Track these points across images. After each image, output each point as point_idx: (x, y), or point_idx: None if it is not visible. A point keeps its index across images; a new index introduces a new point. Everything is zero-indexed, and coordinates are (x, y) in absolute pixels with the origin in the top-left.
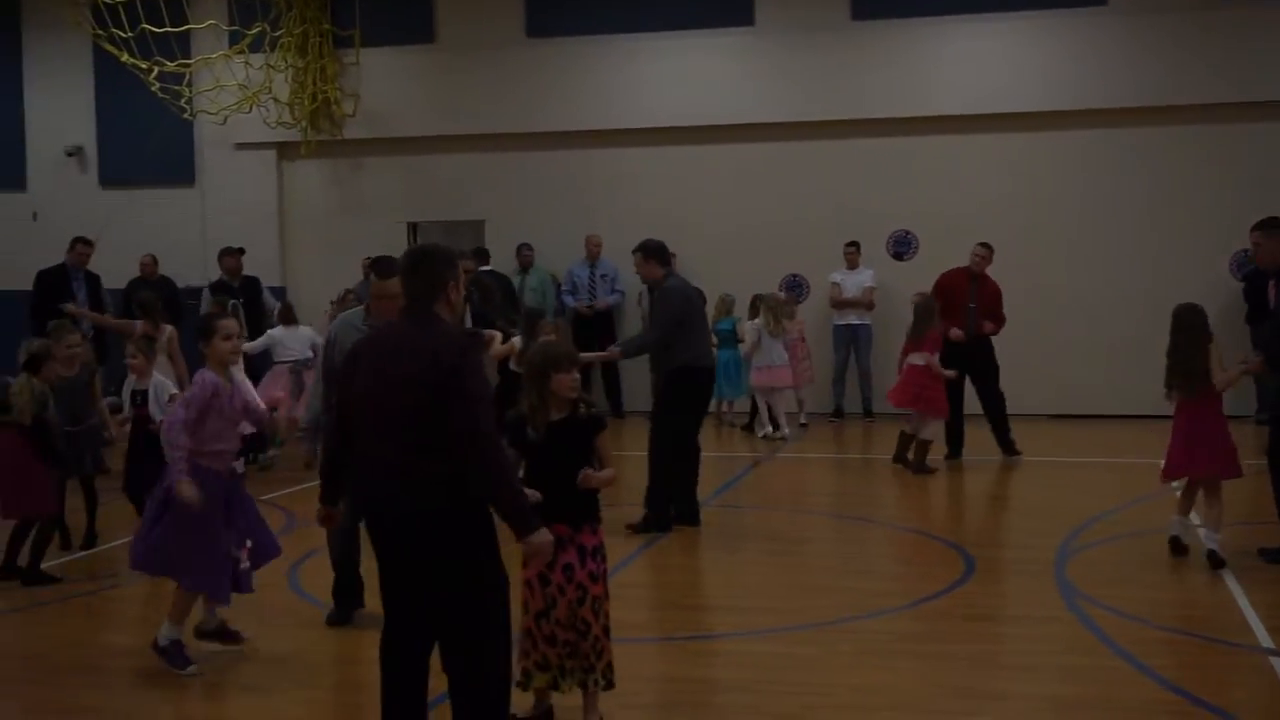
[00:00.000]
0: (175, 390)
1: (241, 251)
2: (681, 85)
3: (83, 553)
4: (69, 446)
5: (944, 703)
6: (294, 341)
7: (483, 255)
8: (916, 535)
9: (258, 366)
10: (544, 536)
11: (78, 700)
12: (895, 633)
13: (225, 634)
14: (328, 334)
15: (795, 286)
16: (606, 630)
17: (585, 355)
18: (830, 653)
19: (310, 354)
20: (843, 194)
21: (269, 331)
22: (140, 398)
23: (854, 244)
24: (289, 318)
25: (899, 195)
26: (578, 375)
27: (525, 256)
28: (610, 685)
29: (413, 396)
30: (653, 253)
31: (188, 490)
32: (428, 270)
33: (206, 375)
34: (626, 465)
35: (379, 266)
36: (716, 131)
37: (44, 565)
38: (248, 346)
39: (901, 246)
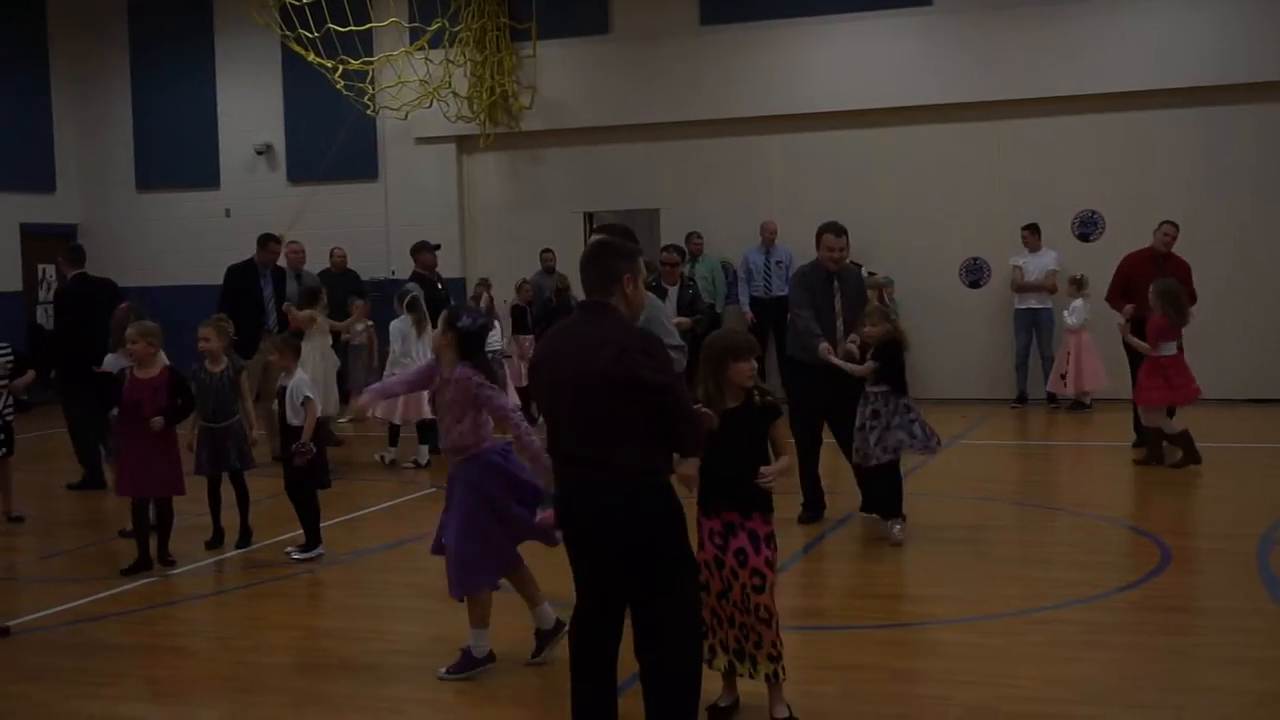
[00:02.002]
0: (310, 394)
1: (438, 247)
2: (857, 68)
3: (236, 550)
4: (211, 442)
5: (1144, 696)
6: (493, 334)
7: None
8: (1106, 523)
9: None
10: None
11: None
12: (1088, 623)
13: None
14: None
15: (975, 270)
16: (779, 621)
17: (839, 363)
18: (1020, 643)
19: (504, 346)
20: (1022, 174)
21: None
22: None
23: (1030, 226)
24: (490, 310)
25: (1083, 175)
26: (754, 364)
27: (695, 244)
28: (785, 677)
29: (599, 389)
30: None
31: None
32: (602, 264)
33: (465, 369)
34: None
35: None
36: (893, 114)
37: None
38: None
39: (1088, 227)
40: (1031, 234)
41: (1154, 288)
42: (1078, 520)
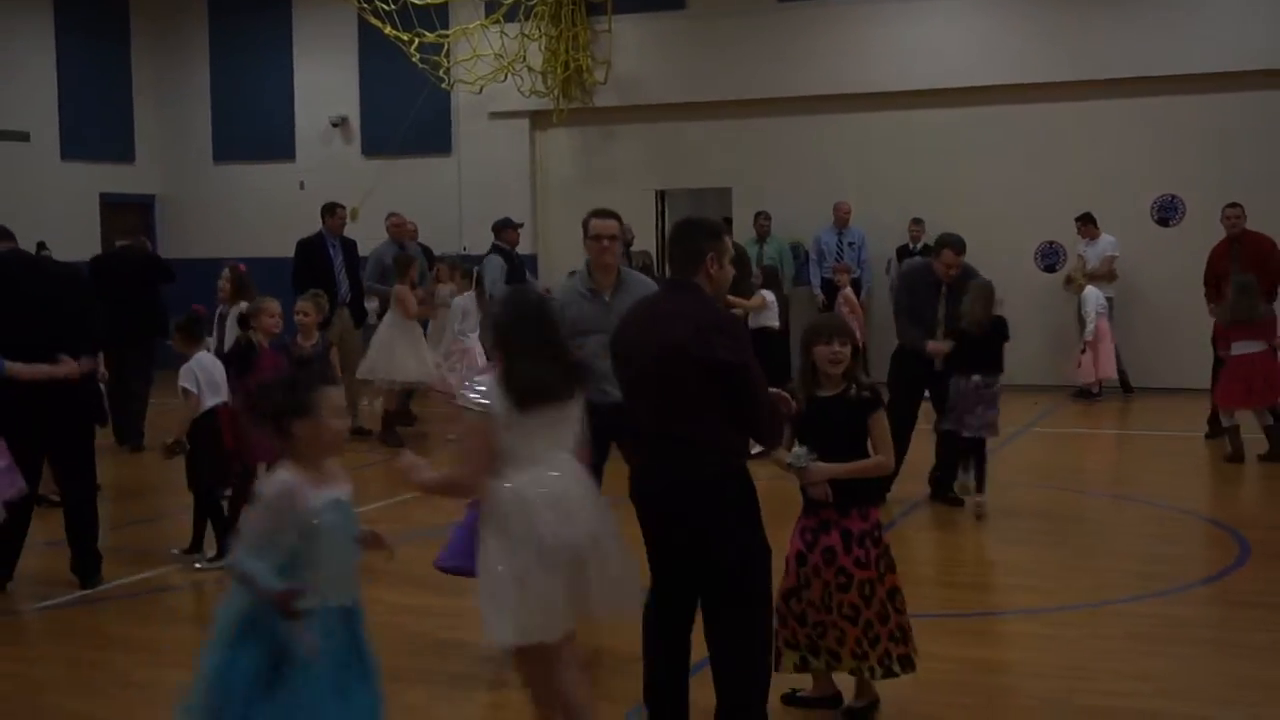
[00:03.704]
0: (187, 385)
1: (521, 225)
2: (935, 46)
3: None
4: None
5: (1219, 692)
6: None
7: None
8: (1182, 514)
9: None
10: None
11: None
12: (1165, 617)
13: None
14: (557, 300)
15: (1050, 254)
16: (883, 617)
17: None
18: (1096, 635)
19: None
20: (1098, 157)
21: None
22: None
23: (1084, 216)
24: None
25: (1162, 158)
26: (838, 348)
27: (762, 225)
28: (890, 674)
29: (676, 366)
30: None
31: None
32: (687, 243)
33: None
34: None
35: (599, 210)
36: (969, 94)
37: None
38: None
39: (1168, 212)
40: (1086, 223)
41: (1231, 284)
42: (1152, 511)
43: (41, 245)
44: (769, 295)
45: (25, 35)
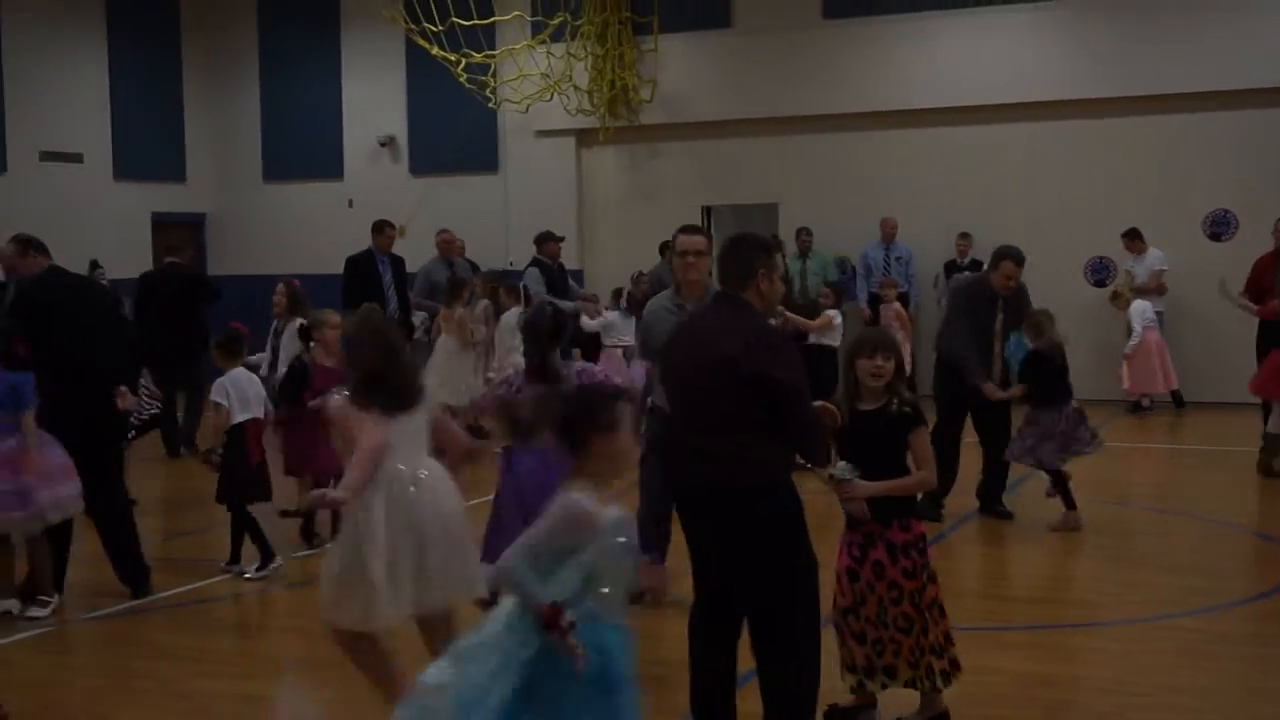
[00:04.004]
0: (219, 399)
1: (562, 239)
2: (981, 63)
3: None
4: None
5: (1273, 710)
6: (627, 327)
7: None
8: (1234, 530)
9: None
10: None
11: None
12: (1216, 634)
13: None
14: (643, 318)
15: (1100, 268)
16: (926, 628)
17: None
18: (1146, 650)
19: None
20: (1149, 172)
21: (607, 314)
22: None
23: (1130, 232)
24: (632, 304)
25: (1213, 173)
26: (880, 362)
27: (804, 241)
28: (934, 687)
29: (725, 379)
30: None
31: None
32: (739, 257)
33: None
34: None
35: (685, 225)
36: (1016, 110)
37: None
38: (586, 324)
39: (1219, 226)
40: (1132, 239)
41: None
42: (1204, 526)
43: (95, 264)
44: (836, 317)
45: (78, 58)
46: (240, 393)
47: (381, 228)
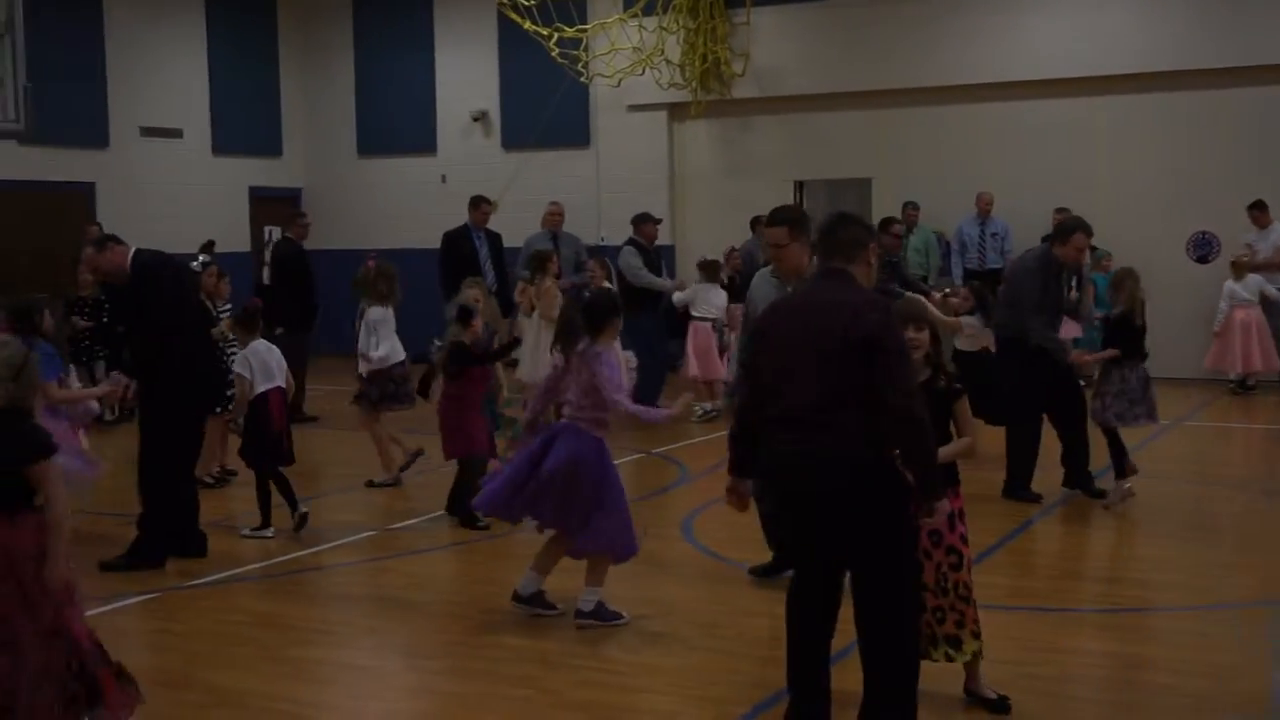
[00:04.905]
0: (240, 370)
1: (660, 221)
2: (1078, 34)
3: None
4: None
5: None
6: (715, 298)
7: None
8: None
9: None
10: (944, 507)
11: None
12: None
13: (543, 603)
14: (749, 292)
15: (1204, 244)
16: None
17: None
18: (1249, 635)
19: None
20: (1251, 146)
21: (694, 284)
22: None
23: (1257, 204)
24: (712, 273)
25: None
26: (914, 334)
27: (910, 215)
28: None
29: (831, 350)
30: None
31: None
32: (846, 233)
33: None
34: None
35: (769, 215)
36: (1114, 81)
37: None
38: (676, 298)
39: None
40: (1260, 211)
41: None
42: None
43: (210, 244)
44: (973, 324)
45: (177, 36)
46: (262, 363)
47: (478, 203)
